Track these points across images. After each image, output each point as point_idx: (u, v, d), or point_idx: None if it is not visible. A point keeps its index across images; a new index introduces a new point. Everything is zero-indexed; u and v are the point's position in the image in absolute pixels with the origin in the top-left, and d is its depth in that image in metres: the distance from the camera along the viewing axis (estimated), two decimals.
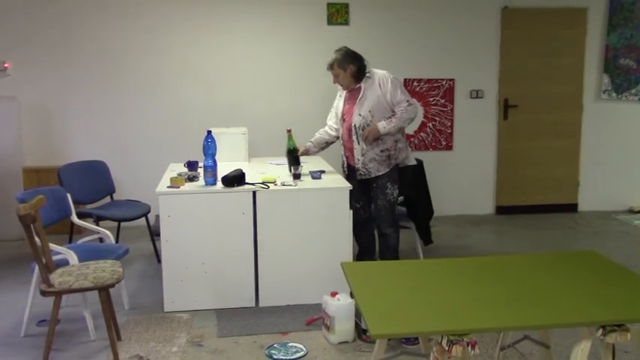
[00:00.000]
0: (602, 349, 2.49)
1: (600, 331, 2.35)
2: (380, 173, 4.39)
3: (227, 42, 6.25)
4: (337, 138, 4.70)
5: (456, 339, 2.22)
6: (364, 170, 4.40)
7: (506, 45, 6.56)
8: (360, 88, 4.37)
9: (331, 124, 4.71)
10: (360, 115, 4.33)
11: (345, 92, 4.53)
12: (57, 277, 3.33)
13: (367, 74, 4.38)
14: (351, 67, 4.33)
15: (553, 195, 6.87)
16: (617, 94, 6.79)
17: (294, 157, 4.52)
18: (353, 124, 4.37)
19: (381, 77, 4.35)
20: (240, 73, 6.31)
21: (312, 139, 4.77)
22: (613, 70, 6.74)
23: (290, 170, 4.51)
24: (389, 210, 4.46)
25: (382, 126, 4.28)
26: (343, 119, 4.50)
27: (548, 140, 6.76)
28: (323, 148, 4.83)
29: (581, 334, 2.44)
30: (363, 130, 4.33)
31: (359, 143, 4.37)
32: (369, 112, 4.31)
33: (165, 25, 6.14)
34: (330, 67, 4.40)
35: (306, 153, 4.74)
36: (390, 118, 4.31)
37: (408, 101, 4.31)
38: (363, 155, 4.38)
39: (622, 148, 6.91)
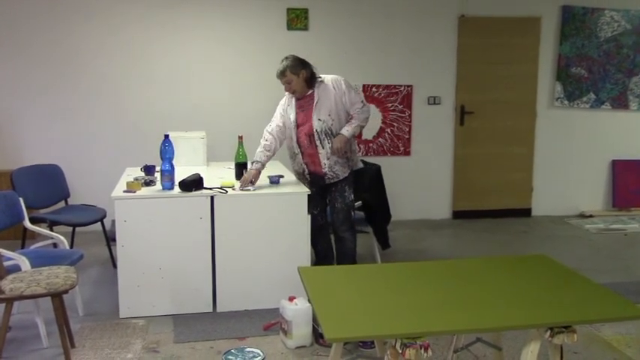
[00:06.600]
0: (550, 350, 2.57)
1: (548, 332, 2.42)
2: (345, 176, 4.44)
3: (186, 45, 6.20)
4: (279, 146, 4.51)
5: (409, 342, 2.25)
6: (332, 174, 4.41)
7: (462, 52, 6.68)
8: (312, 94, 4.35)
9: (274, 134, 4.45)
10: (319, 119, 4.32)
11: (294, 101, 4.42)
12: (8, 284, 3.26)
13: (319, 79, 4.37)
14: (304, 72, 4.30)
15: (508, 200, 7.02)
16: (569, 102, 6.98)
17: (241, 170, 4.50)
18: (314, 130, 4.34)
19: (334, 80, 4.36)
20: (200, 76, 6.26)
21: (262, 160, 4.37)
22: (565, 78, 6.92)
23: (236, 178, 4.47)
24: (346, 213, 4.49)
25: (346, 131, 4.32)
26: (297, 128, 4.41)
27: (503, 146, 6.91)
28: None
29: (531, 336, 2.51)
30: (325, 134, 4.33)
31: (323, 147, 4.36)
32: (329, 115, 4.32)
33: (121, 25, 6.06)
34: (282, 74, 4.29)
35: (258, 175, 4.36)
36: (349, 121, 4.35)
37: (362, 101, 4.38)
38: (328, 159, 4.38)
39: (574, 155, 7.10)
